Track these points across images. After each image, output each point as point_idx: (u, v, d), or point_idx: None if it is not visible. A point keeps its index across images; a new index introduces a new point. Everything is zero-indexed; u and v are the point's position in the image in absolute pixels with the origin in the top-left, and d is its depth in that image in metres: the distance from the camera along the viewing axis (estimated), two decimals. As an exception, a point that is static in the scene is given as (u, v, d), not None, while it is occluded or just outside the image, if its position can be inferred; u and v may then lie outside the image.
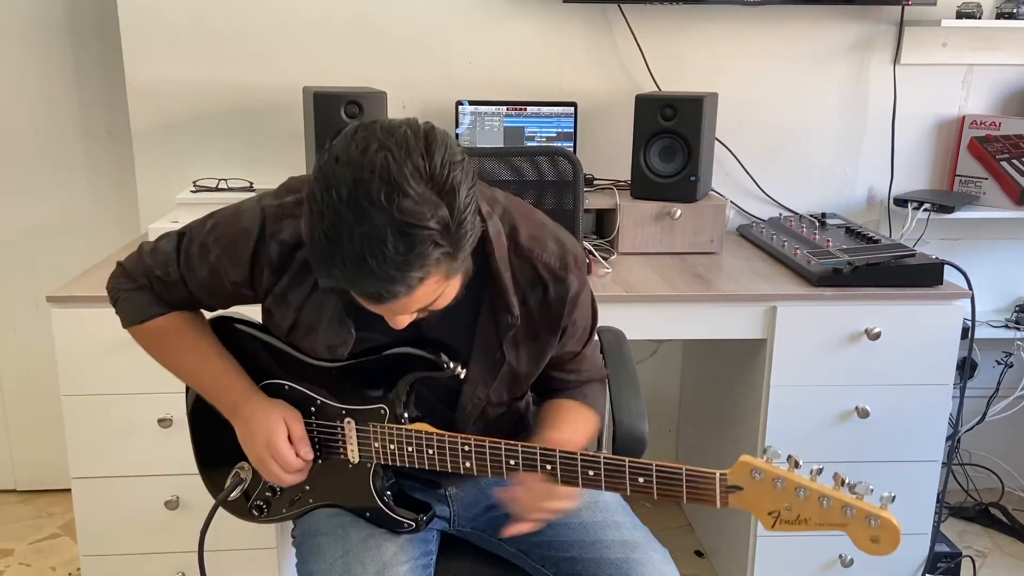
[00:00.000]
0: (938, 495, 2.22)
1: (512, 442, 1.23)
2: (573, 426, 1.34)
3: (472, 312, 1.28)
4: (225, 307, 1.38)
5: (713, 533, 2.54)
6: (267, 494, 1.40)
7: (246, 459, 1.37)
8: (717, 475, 1.15)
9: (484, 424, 1.36)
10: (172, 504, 2.00)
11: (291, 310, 1.28)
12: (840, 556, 2.18)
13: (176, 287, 1.33)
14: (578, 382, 1.43)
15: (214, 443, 1.43)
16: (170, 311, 1.36)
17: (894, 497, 1.13)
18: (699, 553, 2.58)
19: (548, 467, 1.22)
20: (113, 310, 1.39)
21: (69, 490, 2.01)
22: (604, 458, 1.20)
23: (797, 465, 1.14)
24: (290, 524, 1.46)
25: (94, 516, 2.01)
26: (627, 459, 1.19)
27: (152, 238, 2.13)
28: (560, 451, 1.21)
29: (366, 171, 0.99)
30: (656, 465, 1.18)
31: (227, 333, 1.37)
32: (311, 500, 1.38)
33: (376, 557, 1.28)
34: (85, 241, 2.64)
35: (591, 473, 1.20)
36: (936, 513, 2.21)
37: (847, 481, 1.13)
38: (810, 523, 1.14)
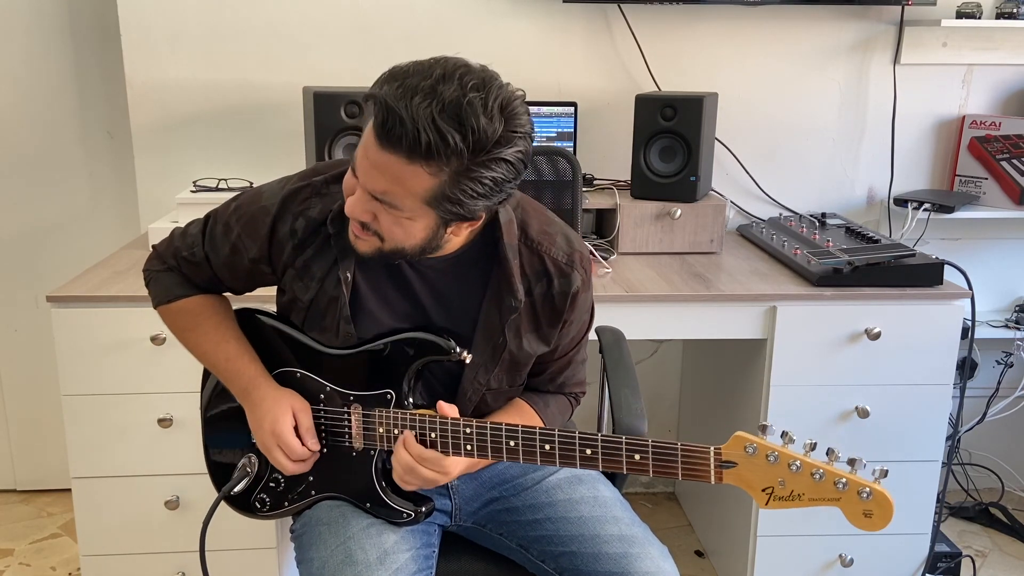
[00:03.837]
0: (938, 495, 2.22)
1: (512, 424, 1.27)
2: (508, 419, 1.36)
3: (478, 297, 1.33)
4: (246, 287, 1.44)
5: (713, 533, 2.54)
6: (271, 485, 1.41)
7: (253, 452, 1.40)
8: (711, 450, 1.17)
9: (483, 412, 1.39)
10: (172, 504, 2.00)
11: (314, 281, 1.32)
12: (840, 556, 2.18)
13: (201, 267, 1.40)
14: (550, 391, 1.47)
15: (223, 440, 1.46)
16: (196, 293, 1.43)
17: (887, 472, 1.13)
18: (699, 553, 2.59)
19: (547, 447, 1.25)
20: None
21: (69, 490, 2.01)
22: (601, 436, 1.23)
23: (792, 441, 1.15)
24: (290, 522, 1.47)
25: (94, 516, 2.01)
26: (623, 436, 1.22)
27: (152, 238, 2.15)
28: (559, 431, 1.24)
29: (473, 64, 1.10)
30: (652, 441, 1.20)
31: (248, 323, 1.43)
32: (313, 492, 1.39)
33: (378, 544, 1.30)
34: (85, 241, 2.64)
35: (588, 452, 1.23)
36: (936, 513, 2.21)
37: (840, 456, 1.15)
38: (803, 498, 1.15)
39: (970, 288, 2.08)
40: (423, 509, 1.35)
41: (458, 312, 1.34)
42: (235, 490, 1.38)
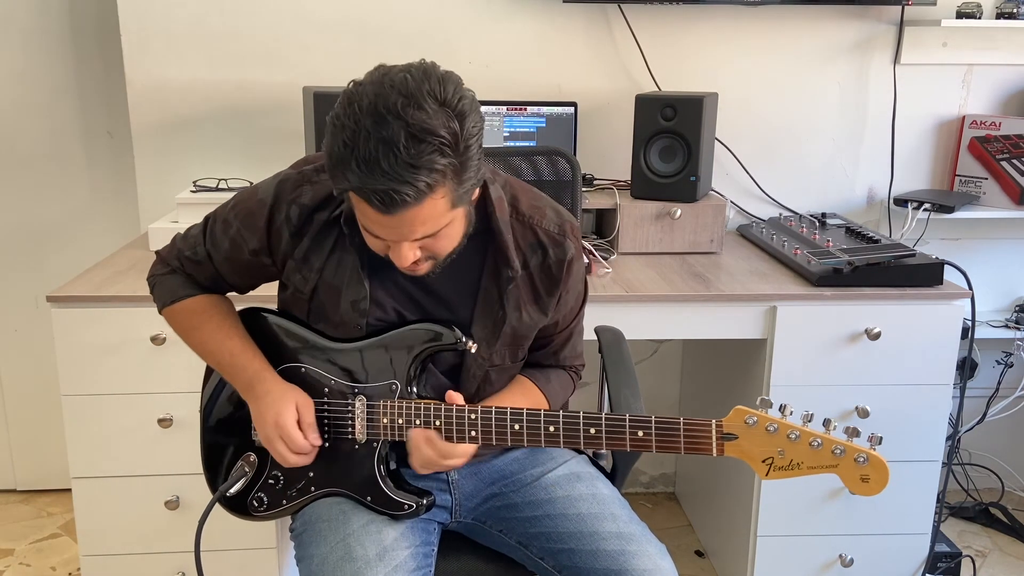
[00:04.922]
0: (938, 495, 2.22)
1: (516, 408, 1.30)
2: (512, 399, 1.40)
3: (476, 274, 1.36)
4: (248, 283, 1.46)
5: (713, 533, 2.54)
6: (270, 482, 1.41)
7: (252, 452, 1.41)
8: (713, 423, 1.22)
9: (486, 390, 1.42)
10: (172, 504, 2.00)
11: (313, 272, 1.35)
12: (840, 556, 2.18)
13: (203, 265, 1.43)
14: (551, 365, 1.50)
15: (221, 442, 1.46)
16: (199, 293, 1.45)
17: (881, 439, 1.19)
18: (699, 553, 2.59)
19: (551, 428, 1.28)
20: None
21: (69, 490, 2.01)
22: (605, 415, 1.26)
23: (790, 414, 1.21)
24: (289, 522, 1.47)
25: (94, 516, 2.01)
26: (627, 415, 1.26)
27: (152, 238, 2.16)
28: (563, 412, 1.27)
29: (386, 87, 1.10)
30: (655, 417, 1.24)
31: (253, 321, 1.44)
32: (313, 488, 1.40)
33: (377, 541, 1.31)
34: (85, 241, 2.64)
35: (593, 431, 1.27)
36: (936, 513, 2.21)
37: (836, 426, 1.20)
38: (802, 467, 1.20)
39: (970, 288, 2.08)
40: (424, 501, 1.36)
41: (458, 289, 1.36)
42: (231, 491, 1.38)
